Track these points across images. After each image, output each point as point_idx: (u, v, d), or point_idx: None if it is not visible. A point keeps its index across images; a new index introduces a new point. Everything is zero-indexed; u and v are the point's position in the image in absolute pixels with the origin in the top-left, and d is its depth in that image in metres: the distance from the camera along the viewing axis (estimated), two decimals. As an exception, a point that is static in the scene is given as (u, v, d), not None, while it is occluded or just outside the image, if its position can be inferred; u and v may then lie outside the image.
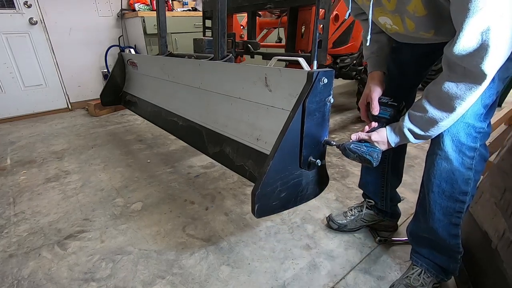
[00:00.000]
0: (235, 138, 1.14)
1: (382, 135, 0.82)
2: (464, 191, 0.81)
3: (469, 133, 0.77)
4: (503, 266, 0.81)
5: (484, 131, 0.78)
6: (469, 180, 0.80)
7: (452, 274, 0.95)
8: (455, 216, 0.85)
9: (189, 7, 3.59)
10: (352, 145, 0.82)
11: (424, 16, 0.71)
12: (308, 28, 1.83)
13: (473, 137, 0.77)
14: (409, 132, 0.78)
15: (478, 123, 0.76)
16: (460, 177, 0.80)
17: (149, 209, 1.46)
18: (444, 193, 0.83)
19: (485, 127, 0.78)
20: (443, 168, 0.81)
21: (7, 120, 2.98)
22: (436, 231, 0.88)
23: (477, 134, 0.77)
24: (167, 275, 1.07)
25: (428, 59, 0.97)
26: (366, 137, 0.84)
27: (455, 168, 0.79)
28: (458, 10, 0.61)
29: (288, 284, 1.02)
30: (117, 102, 2.18)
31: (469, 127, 0.76)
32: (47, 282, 1.05)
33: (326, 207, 1.43)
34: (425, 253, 0.96)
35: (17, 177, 1.82)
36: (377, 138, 0.82)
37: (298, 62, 0.86)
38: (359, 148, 0.80)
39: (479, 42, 0.60)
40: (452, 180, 0.81)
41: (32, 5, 2.85)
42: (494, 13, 0.57)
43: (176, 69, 1.51)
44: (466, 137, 0.77)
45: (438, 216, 0.86)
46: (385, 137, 0.82)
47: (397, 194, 1.20)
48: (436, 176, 0.82)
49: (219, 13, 1.26)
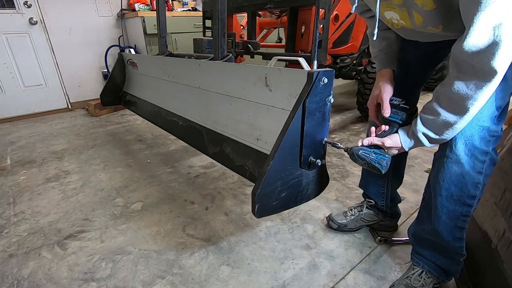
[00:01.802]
0: (235, 138, 1.14)
1: (396, 141, 0.81)
2: (473, 195, 0.80)
3: (483, 137, 0.75)
4: (503, 266, 0.81)
5: (498, 134, 0.76)
6: (478, 184, 0.78)
7: (453, 276, 0.95)
8: (461, 220, 0.84)
9: (189, 7, 3.59)
10: (361, 151, 0.80)
11: (432, 10, 0.69)
12: (308, 28, 1.83)
13: (487, 140, 0.75)
14: (423, 136, 0.76)
15: (493, 126, 0.75)
16: (470, 181, 0.78)
17: (149, 209, 1.45)
18: (452, 197, 0.81)
19: (499, 130, 0.76)
20: (453, 171, 0.79)
21: (7, 120, 2.98)
22: (441, 234, 0.87)
23: (491, 137, 0.76)
24: (167, 275, 1.07)
25: (433, 59, 0.96)
26: (380, 143, 0.81)
27: (465, 172, 0.77)
28: (468, 4, 0.59)
29: (288, 284, 1.02)
30: (117, 102, 2.18)
31: (484, 130, 0.74)
32: (47, 282, 1.05)
33: (326, 207, 1.42)
34: (427, 254, 0.95)
35: (17, 177, 1.82)
36: (391, 144, 0.80)
37: (298, 62, 0.86)
38: (368, 155, 0.79)
39: (491, 38, 0.57)
40: (461, 184, 0.79)
41: (32, 5, 2.85)
42: (506, 7, 0.55)
43: (176, 69, 1.51)
44: (480, 140, 0.75)
45: (444, 219, 0.84)
46: (399, 142, 0.81)
47: (397, 194, 1.19)
48: (445, 179, 0.81)
49: (219, 13, 1.26)
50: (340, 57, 2.40)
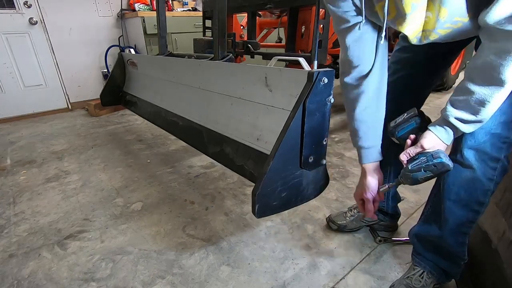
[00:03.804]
0: (235, 138, 1.14)
1: (431, 138, 0.74)
2: (482, 202, 0.78)
3: (494, 143, 0.73)
4: (503, 266, 0.81)
5: (510, 141, 0.73)
6: (488, 191, 0.77)
7: (453, 278, 0.95)
8: (466, 226, 0.83)
9: (189, 7, 3.59)
10: (410, 166, 0.73)
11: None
12: (308, 28, 1.83)
13: (498, 147, 0.73)
14: (457, 121, 0.69)
15: (505, 132, 0.72)
16: (480, 188, 0.76)
17: (149, 209, 1.45)
18: (461, 202, 0.80)
19: (511, 136, 0.73)
20: (464, 176, 0.77)
21: (7, 120, 2.98)
22: (446, 238, 0.86)
23: (503, 144, 0.73)
24: (167, 275, 1.07)
25: (444, 60, 0.92)
26: (419, 148, 0.75)
27: (476, 178, 0.76)
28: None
29: (288, 284, 1.02)
30: (117, 102, 2.18)
31: (495, 137, 0.72)
32: (47, 282, 1.05)
33: (326, 207, 1.42)
34: (428, 256, 0.95)
35: (17, 177, 1.82)
36: (429, 143, 0.74)
37: (298, 62, 0.86)
38: (419, 163, 0.72)
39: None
40: (471, 190, 0.77)
41: (32, 5, 2.84)
42: None
43: (176, 69, 1.51)
44: (491, 147, 0.73)
45: (451, 224, 0.84)
46: (436, 137, 0.73)
47: (397, 194, 1.19)
48: (456, 183, 0.79)
49: (219, 13, 1.26)
50: (340, 57, 2.40)
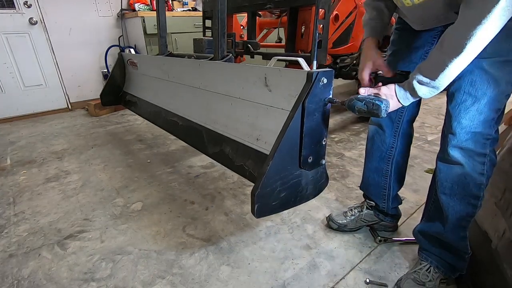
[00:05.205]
0: (235, 138, 1.14)
1: (390, 90, 0.77)
2: (477, 195, 0.84)
3: (477, 140, 0.79)
4: (503, 266, 0.81)
5: (492, 137, 0.80)
6: (481, 185, 0.82)
7: (460, 272, 0.97)
8: (466, 220, 0.87)
9: (189, 7, 3.58)
10: (359, 96, 0.77)
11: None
12: (308, 28, 1.83)
13: (482, 143, 0.79)
14: (416, 83, 0.72)
15: (486, 130, 0.78)
16: (472, 182, 0.82)
17: (149, 209, 1.45)
18: (456, 196, 0.85)
19: (492, 133, 0.79)
20: (454, 172, 0.83)
21: (7, 120, 2.98)
22: (447, 234, 0.91)
23: (486, 140, 0.79)
24: (167, 275, 1.07)
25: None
26: (376, 90, 0.79)
27: (467, 173, 0.81)
28: None
29: (288, 284, 1.02)
30: (117, 102, 2.18)
31: (477, 135, 0.78)
32: (47, 282, 1.05)
33: (326, 207, 1.42)
34: (434, 251, 0.98)
35: (17, 177, 1.82)
36: (386, 92, 0.77)
37: (298, 62, 0.86)
38: (365, 97, 0.74)
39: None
40: (464, 184, 0.83)
41: (32, 5, 2.84)
42: None
43: (176, 69, 1.51)
44: (475, 144, 0.79)
45: (451, 218, 0.88)
46: (393, 92, 0.77)
47: (398, 196, 1.20)
48: (448, 179, 0.85)
49: (219, 13, 1.26)
50: (340, 57, 2.40)
